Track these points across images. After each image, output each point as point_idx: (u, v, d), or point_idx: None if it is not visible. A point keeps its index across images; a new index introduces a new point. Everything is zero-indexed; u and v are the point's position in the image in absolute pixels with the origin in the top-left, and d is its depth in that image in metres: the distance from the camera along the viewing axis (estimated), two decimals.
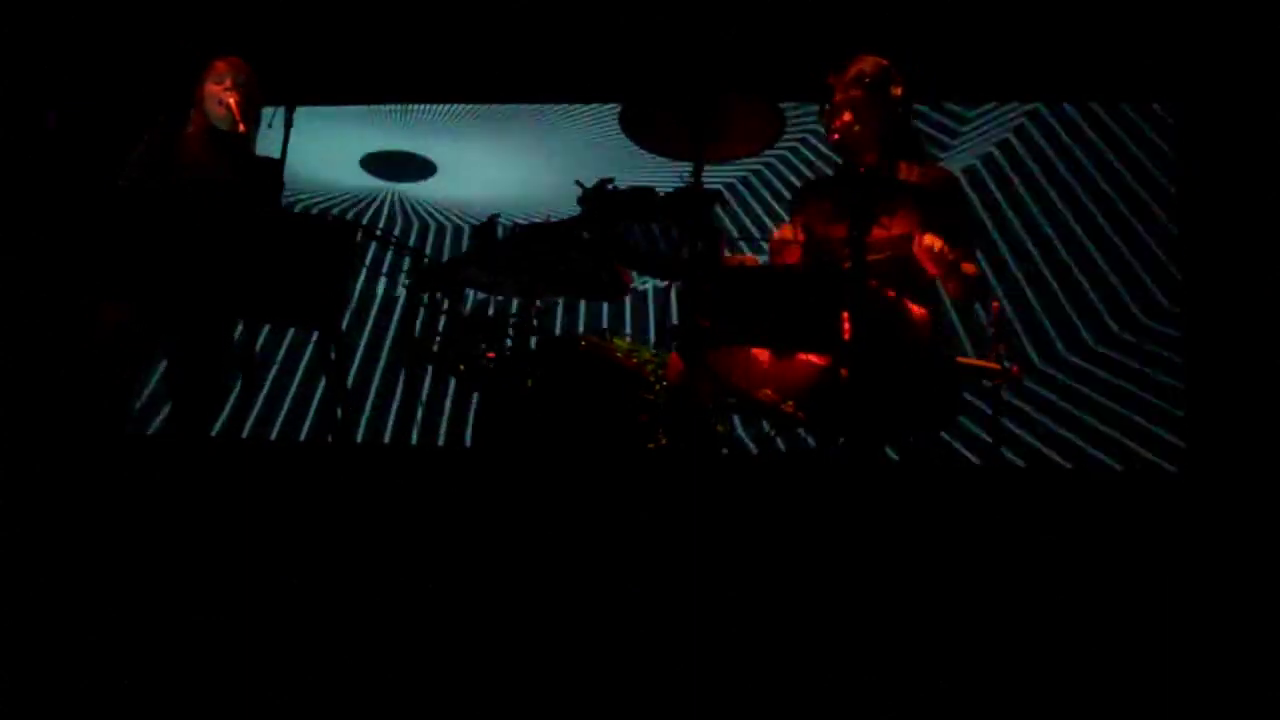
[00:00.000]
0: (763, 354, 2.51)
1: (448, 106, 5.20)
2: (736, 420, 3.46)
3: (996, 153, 4.57)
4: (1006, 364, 2.56)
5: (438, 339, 2.86)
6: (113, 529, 2.12)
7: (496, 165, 5.16)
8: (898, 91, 2.73)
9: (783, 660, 1.78)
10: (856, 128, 2.70)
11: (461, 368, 2.84)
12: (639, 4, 4.67)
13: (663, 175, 2.81)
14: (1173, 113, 4.42)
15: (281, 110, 2.98)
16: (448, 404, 4.59)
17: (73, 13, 4.81)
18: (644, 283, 4.45)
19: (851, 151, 2.75)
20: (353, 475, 2.31)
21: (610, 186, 2.51)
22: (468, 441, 3.63)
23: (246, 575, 2.00)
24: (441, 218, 5.12)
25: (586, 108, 5.06)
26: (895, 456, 2.87)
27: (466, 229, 5.06)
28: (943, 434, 2.61)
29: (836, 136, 2.72)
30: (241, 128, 3.09)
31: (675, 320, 2.42)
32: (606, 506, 2.05)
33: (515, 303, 2.97)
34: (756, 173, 4.78)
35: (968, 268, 2.65)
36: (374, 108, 5.20)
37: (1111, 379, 4.23)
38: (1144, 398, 4.18)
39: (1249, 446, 3.84)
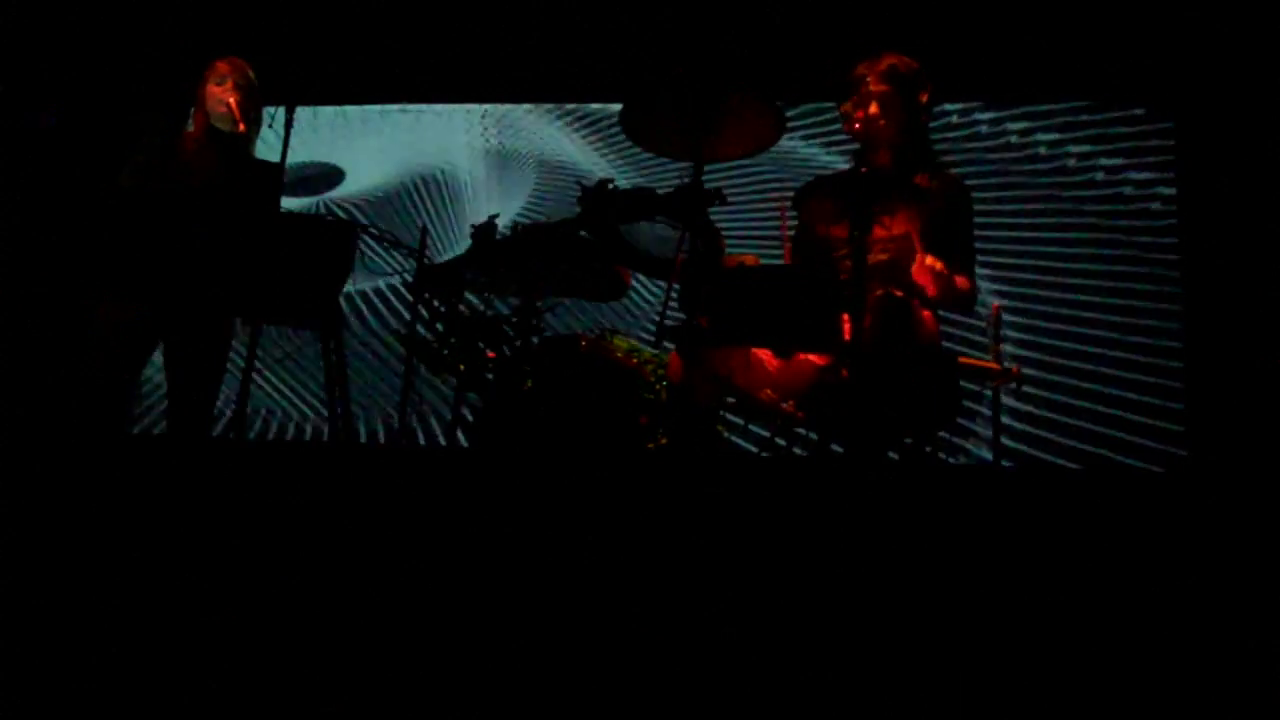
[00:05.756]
0: (763, 354, 2.51)
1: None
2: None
3: (996, 151, 4.58)
4: (1006, 364, 2.56)
5: (437, 339, 2.87)
6: (113, 529, 2.12)
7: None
8: (924, 96, 2.70)
9: (782, 661, 1.78)
10: (881, 121, 2.66)
11: (461, 368, 2.85)
12: (639, 4, 4.67)
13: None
14: (1172, 112, 4.42)
15: (281, 110, 2.98)
16: (447, 404, 4.60)
17: (72, 13, 4.81)
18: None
19: (869, 145, 2.69)
20: (352, 476, 2.31)
21: (610, 186, 2.51)
22: (467, 442, 3.63)
23: (246, 575, 2.00)
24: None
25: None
26: (895, 456, 2.87)
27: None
28: (944, 434, 2.60)
29: (858, 127, 2.65)
30: (242, 128, 3.09)
31: (671, 320, 2.41)
32: (606, 506, 2.05)
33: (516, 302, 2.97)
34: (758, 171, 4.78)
35: (961, 281, 2.61)
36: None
37: (1110, 379, 4.23)
38: (1144, 398, 4.18)
39: (1249, 446, 3.84)
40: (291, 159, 2.79)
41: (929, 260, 2.48)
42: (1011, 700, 1.75)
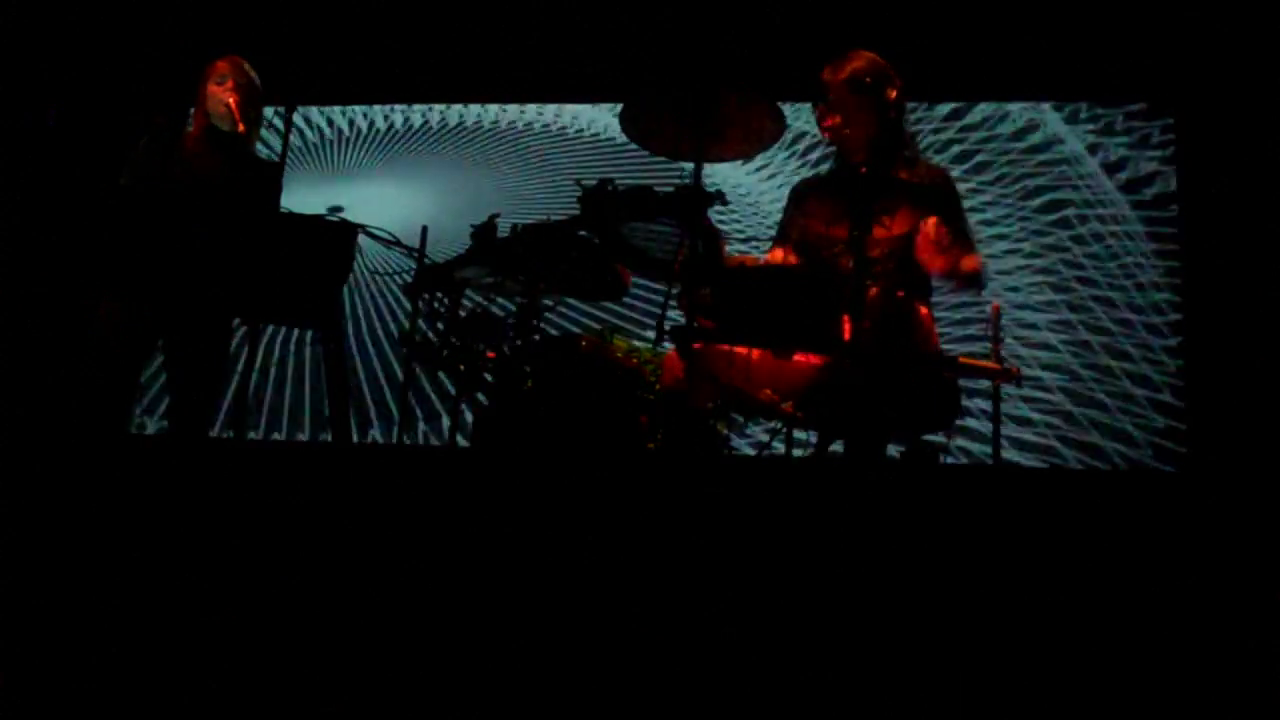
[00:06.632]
0: (763, 354, 2.51)
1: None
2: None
3: (998, 151, 4.57)
4: (1006, 364, 2.56)
5: (438, 339, 2.86)
6: (113, 529, 2.12)
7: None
8: (892, 94, 2.71)
9: (782, 660, 1.78)
10: (846, 130, 2.70)
11: (461, 368, 2.84)
12: (639, 4, 4.67)
13: None
14: (1174, 108, 4.41)
15: (282, 110, 2.98)
16: (447, 404, 4.60)
17: (72, 12, 4.81)
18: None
19: (842, 151, 2.75)
20: (352, 476, 2.31)
21: (610, 187, 2.51)
22: (468, 442, 3.63)
23: (246, 575, 2.00)
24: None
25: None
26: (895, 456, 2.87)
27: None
28: (944, 434, 2.61)
29: (828, 135, 2.74)
30: (241, 128, 3.09)
31: (669, 319, 2.41)
32: (606, 507, 2.05)
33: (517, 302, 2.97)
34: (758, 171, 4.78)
35: (969, 262, 2.63)
36: None
37: (1111, 378, 4.23)
38: (1143, 397, 4.18)
39: (1249, 446, 3.84)
40: None
41: (929, 225, 2.48)
42: (1012, 698, 1.75)
